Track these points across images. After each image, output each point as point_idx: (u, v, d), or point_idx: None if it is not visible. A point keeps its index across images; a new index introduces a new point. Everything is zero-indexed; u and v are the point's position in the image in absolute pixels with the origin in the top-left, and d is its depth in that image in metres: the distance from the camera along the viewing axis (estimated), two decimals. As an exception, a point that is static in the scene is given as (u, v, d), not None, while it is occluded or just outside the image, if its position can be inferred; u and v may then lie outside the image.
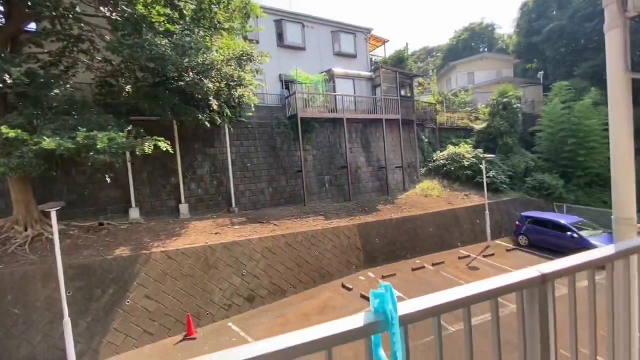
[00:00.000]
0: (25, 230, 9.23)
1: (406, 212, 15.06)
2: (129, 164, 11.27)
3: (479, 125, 22.89)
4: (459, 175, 18.99)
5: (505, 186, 18.52)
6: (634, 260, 1.43)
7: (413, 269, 12.07)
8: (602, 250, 1.30)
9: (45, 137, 7.14)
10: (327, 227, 12.68)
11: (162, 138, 9.13)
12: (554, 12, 29.75)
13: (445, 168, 19.44)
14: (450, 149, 20.34)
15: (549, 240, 13.64)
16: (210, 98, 10.52)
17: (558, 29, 27.06)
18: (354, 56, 20.70)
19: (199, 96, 10.33)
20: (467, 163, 18.92)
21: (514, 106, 21.27)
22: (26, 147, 7.29)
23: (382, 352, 0.94)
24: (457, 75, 33.29)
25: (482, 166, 15.16)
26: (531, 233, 14.39)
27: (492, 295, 1.04)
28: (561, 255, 1.38)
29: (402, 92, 19.47)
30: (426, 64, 48.13)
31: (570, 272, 1.18)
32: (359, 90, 18.52)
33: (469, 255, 13.46)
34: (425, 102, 23.81)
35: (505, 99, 21.31)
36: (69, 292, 7.78)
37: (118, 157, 8.38)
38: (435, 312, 0.95)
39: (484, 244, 14.81)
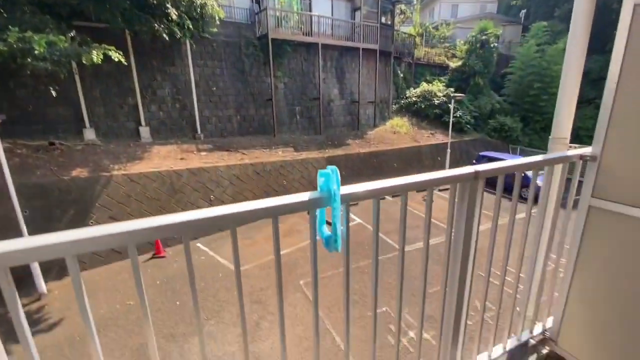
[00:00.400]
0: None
1: (374, 147, 15.42)
2: (77, 78, 10.12)
3: (454, 63, 22.60)
4: (428, 114, 19.29)
5: (469, 127, 19.24)
6: (558, 168, 1.62)
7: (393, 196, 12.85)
8: (531, 158, 1.44)
9: (-34, 36, 6.07)
10: (297, 158, 12.79)
11: (112, 47, 8.11)
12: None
13: (416, 106, 19.55)
14: (424, 86, 20.23)
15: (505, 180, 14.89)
16: (168, 5, 9.23)
17: (549, -37, 25.61)
18: (333, -28, 18.52)
19: (154, 1, 9.02)
20: (437, 102, 19.11)
21: (492, 45, 20.97)
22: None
23: (325, 228, 1.04)
24: (441, 6, 31.45)
25: (451, 106, 15.42)
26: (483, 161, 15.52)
27: (429, 185, 1.16)
28: (508, 193, 1.55)
29: (383, 20, 18.27)
30: (411, -10, 44.46)
31: (500, 172, 1.32)
32: (337, 12, 17.05)
33: (425, 189, 14.45)
34: (405, 33, 22.67)
35: (484, 37, 20.84)
36: (26, 211, 7.51)
37: (62, 66, 7.43)
38: (375, 194, 1.04)
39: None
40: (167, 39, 9.94)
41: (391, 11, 19.34)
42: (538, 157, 1.48)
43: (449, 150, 15.48)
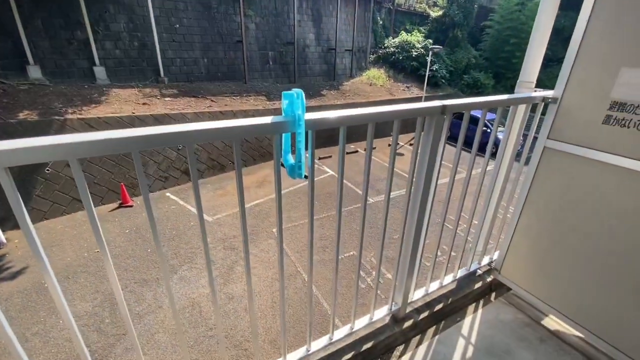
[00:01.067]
0: None
1: (349, 99, 15.12)
2: (12, 4, 8.71)
3: (435, 13, 21.78)
4: (405, 66, 18.93)
5: (444, 81, 19.23)
6: (521, 108, 1.66)
7: (347, 153, 12.97)
8: (496, 96, 1.46)
9: None
10: (269, 107, 12.31)
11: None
12: None
13: (394, 57, 19.03)
14: (403, 36, 19.54)
15: (467, 134, 15.44)
16: None
17: None
18: None
19: None
20: (415, 53, 18.69)
21: (473, -5, 20.25)
22: None
23: (290, 157, 1.02)
24: (427, -54, 29.24)
25: (428, 58, 15.16)
26: (453, 127, 15.85)
27: (397, 116, 1.15)
28: (470, 147, 1.63)
29: (363, -43, 16.82)
30: None
31: (466, 108, 1.33)
32: (314, -55, 15.42)
33: (398, 143, 14.73)
34: (386, -24, 21.14)
35: (466, -15, 19.99)
36: (-32, 156, 6.85)
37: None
38: (342, 122, 1.02)
39: (412, 134, 16.14)
40: (117, -39, 8.59)
41: (373, -53, 17.77)
42: (503, 96, 1.50)
43: (422, 105, 15.56)
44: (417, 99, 16.44)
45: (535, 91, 1.78)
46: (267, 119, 0.89)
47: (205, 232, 1.00)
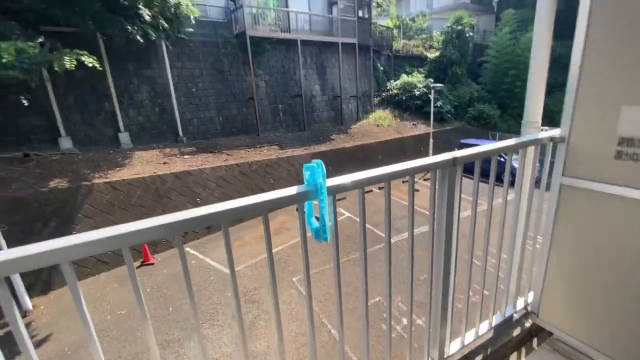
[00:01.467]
0: None
1: (358, 141, 15.54)
2: (49, 85, 9.75)
3: (432, 54, 22.95)
4: (409, 105, 19.56)
5: (450, 116, 19.64)
6: (531, 150, 1.71)
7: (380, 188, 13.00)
8: (504, 142, 1.53)
9: None
10: (282, 156, 12.75)
11: (85, 52, 7.85)
12: None
13: (397, 98, 19.78)
14: (404, 78, 20.47)
15: (481, 165, 15.34)
16: (140, 5, 8.99)
17: (518, -48, 26.19)
18: (308, -33, 18.45)
19: (126, 2, 8.76)
20: (417, 93, 19.39)
21: (467, 35, 21.39)
22: None
23: (313, 220, 1.09)
24: (417, -2, 31.79)
25: (431, 96, 15.69)
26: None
27: (410, 173, 1.22)
28: (487, 178, 1.60)
29: (360, 13, 18.32)
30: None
31: (477, 157, 1.39)
32: (314, 7, 16.99)
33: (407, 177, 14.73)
34: (382, 26, 22.82)
35: (459, 27, 21.22)
36: (4, 226, 7.24)
37: (32, 74, 7.16)
38: (359, 184, 1.09)
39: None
40: (141, 41, 9.68)
41: (368, 4, 19.41)
42: (511, 141, 1.56)
43: (431, 140, 15.77)
44: (426, 135, 16.71)
45: (542, 130, 1.84)
46: (292, 190, 0.98)
47: (240, 307, 1.03)
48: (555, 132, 1.72)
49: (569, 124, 1.65)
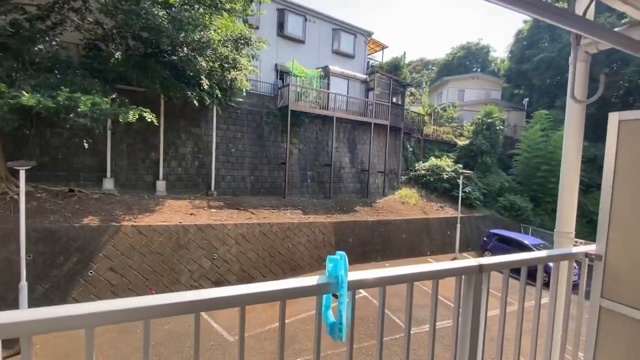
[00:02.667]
0: (-11, 187, 8.82)
1: (382, 216, 15.41)
2: (109, 133, 10.95)
3: (462, 142, 23.64)
4: (437, 187, 19.58)
5: (478, 203, 19.26)
6: (565, 265, 1.62)
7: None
8: (536, 253, 1.48)
9: (24, 93, 6.85)
10: (304, 221, 12.80)
11: (147, 110, 8.93)
12: (546, 44, 30.97)
13: (425, 178, 19.98)
14: (433, 160, 20.92)
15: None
16: (202, 77, 10.37)
17: (547, 60, 28.26)
18: (351, 57, 20.86)
19: (191, 73, 10.17)
20: (446, 176, 19.53)
21: (497, 128, 22.11)
22: (2, 99, 6.97)
23: (330, 313, 1.06)
24: (449, 90, 34.17)
25: (460, 181, 15.73)
26: (496, 250, 15.08)
27: (434, 276, 1.19)
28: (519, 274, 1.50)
29: (394, 99, 19.83)
30: (421, 75, 48.92)
31: (504, 267, 1.34)
32: (353, 91, 18.71)
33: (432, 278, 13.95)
34: (414, 112, 24.33)
35: (489, 120, 22.11)
36: (30, 255, 7.52)
37: (99, 123, 8.16)
38: (381, 282, 1.08)
39: (452, 255, 15.39)
40: (196, 104, 10.93)
41: (402, 93, 21.08)
42: (543, 253, 1.51)
43: (458, 226, 15.31)
44: (453, 218, 16.30)
45: (576, 243, 1.77)
46: (312, 280, 0.98)
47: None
48: (591, 248, 1.64)
49: (605, 241, 1.58)
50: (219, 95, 11.45)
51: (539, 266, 1.57)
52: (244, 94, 12.78)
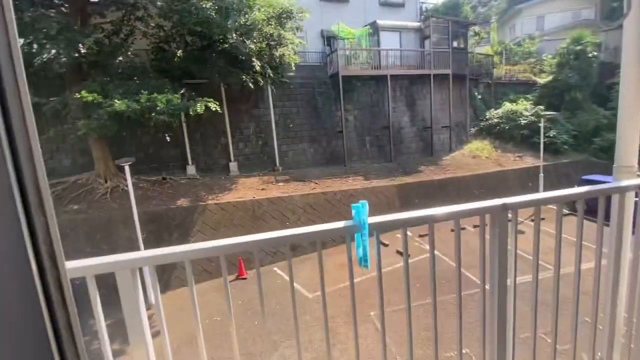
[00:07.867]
0: (106, 182, 10.88)
1: (450, 173, 14.65)
2: (184, 125, 12.35)
3: (543, 79, 20.47)
4: (513, 135, 17.63)
5: (567, 147, 16.87)
6: (616, 198, 1.54)
7: (452, 230, 12.04)
8: (569, 189, 1.44)
9: (116, 101, 8.16)
10: (367, 186, 12.96)
11: (211, 99, 9.80)
12: None
13: (498, 127, 18.11)
14: (507, 106, 18.71)
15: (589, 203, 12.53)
16: (253, 59, 10.83)
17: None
18: (401, 5, 19.23)
19: (242, 57, 10.70)
20: (524, 122, 17.41)
21: (589, 55, 18.50)
22: (102, 109, 8.41)
23: (360, 249, 1.28)
24: (523, 20, 29.26)
25: (541, 125, 13.89)
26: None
27: (455, 216, 1.30)
28: (592, 215, 1.44)
29: (455, 44, 17.89)
30: (488, 8, 42.49)
31: (531, 205, 1.36)
32: (406, 43, 17.39)
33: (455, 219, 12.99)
34: (481, 54, 21.67)
35: (579, 47, 18.57)
36: (144, 234, 9.26)
37: (175, 117, 9.28)
38: (402, 224, 1.24)
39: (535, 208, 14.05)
40: (252, 87, 11.55)
41: (464, 35, 18.86)
42: (585, 188, 1.46)
43: (541, 174, 13.76)
44: (534, 168, 14.70)
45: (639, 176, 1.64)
46: (340, 224, 1.20)
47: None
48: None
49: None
50: (271, 75, 11.85)
51: (600, 199, 1.51)
52: (294, 68, 12.97)
